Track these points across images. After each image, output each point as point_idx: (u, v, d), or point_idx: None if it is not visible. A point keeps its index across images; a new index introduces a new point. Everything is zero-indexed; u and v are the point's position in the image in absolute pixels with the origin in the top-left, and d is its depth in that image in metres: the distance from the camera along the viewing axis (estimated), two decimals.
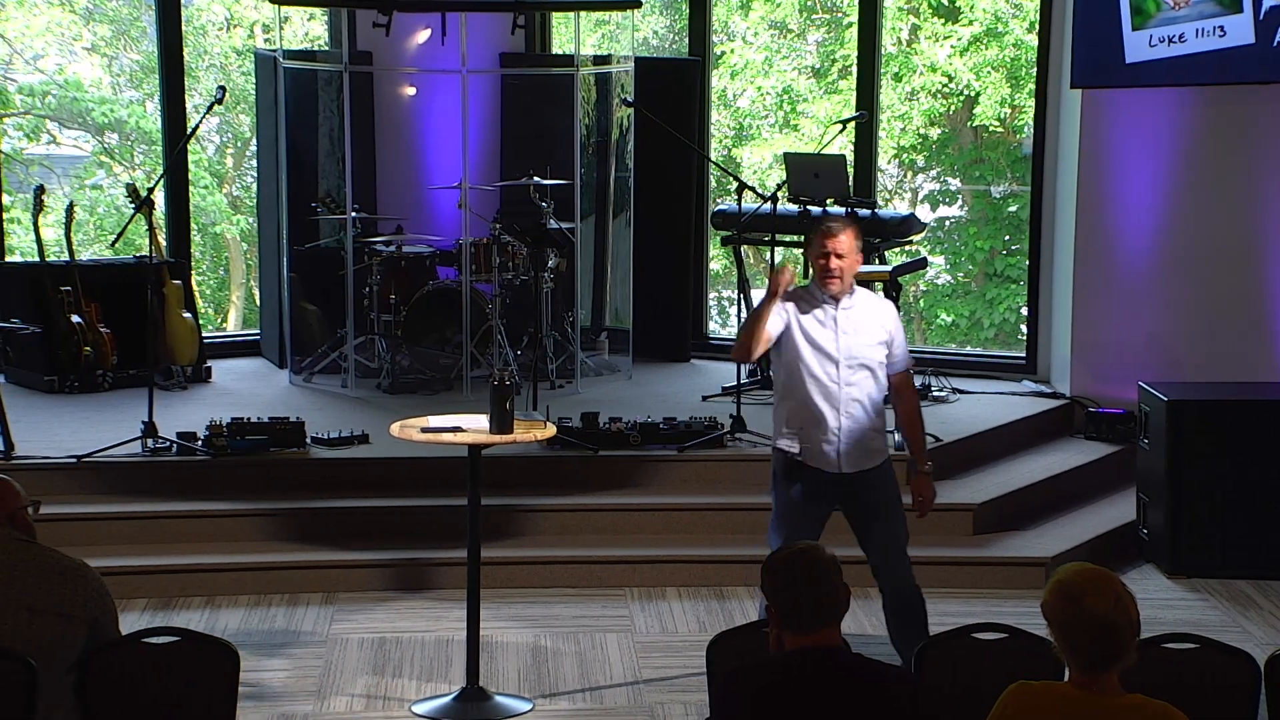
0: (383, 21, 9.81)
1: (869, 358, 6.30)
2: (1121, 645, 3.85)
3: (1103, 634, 3.84)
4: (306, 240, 10.42)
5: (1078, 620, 3.84)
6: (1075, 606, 3.85)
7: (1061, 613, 3.87)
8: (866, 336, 6.30)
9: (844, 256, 6.21)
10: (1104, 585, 3.88)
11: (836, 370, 6.27)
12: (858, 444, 6.31)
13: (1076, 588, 3.87)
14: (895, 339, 6.36)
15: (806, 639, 4.12)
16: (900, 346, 6.39)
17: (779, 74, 16.20)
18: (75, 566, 4.83)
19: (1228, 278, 9.66)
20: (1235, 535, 8.29)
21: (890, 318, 6.39)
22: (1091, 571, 3.92)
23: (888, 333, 6.34)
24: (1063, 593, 3.88)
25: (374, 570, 8.00)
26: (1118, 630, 3.85)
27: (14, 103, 16.59)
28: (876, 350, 6.32)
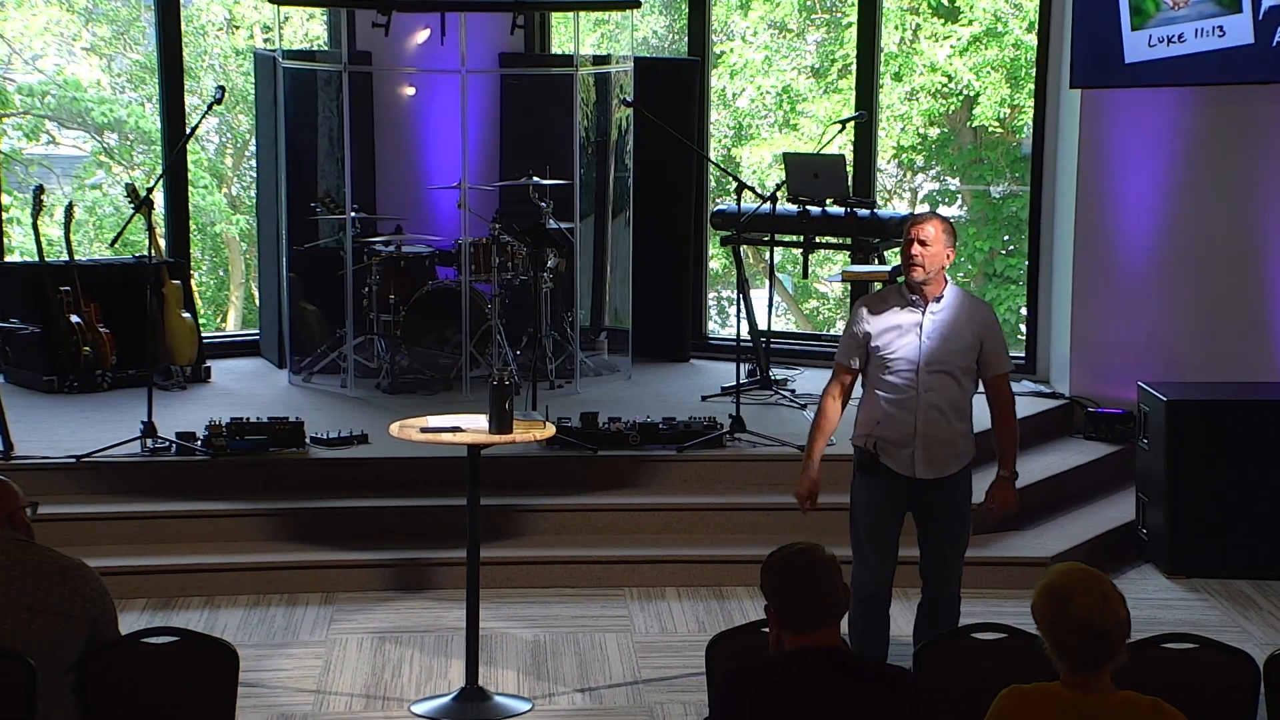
0: (382, 21, 9.81)
1: (953, 364, 6.14)
2: (1111, 646, 3.87)
3: (1091, 635, 3.86)
4: (306, 240, 10.42)
5: (1066, 622, 3.86)
6: (1063, 608, 3.86)
7: (1050, 615, 3.88)
8: (954, 342, 6.14)
9: (927, 244, 6.09)
10: (1092, 586, 3.89)
11: (916, 376, 6.14)
12: (935, 450, 6.18)
13: (1064, 589, 3.88)
14: (988, 343, 6.17)
15: (806, 639, 4.12)
16: (996, 350, 6.20)
17: (778, 73, 16.21)
18: (74, 566, 4.83)
19: (1227, 278, 9.66)
20: (1234, 535, 8.29)
21: (984, 320, 6.21)
22: (1079, 572, 3.93)
23: (978, 337, 6.16)
24: (1051, 595, 3.89)
25: (373, 570, 7.99)
26: (1106, 631, 3.86)
27: (13, 103, 16.59)
28: (964, 355, 6.16)
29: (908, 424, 6.17)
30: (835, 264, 10.76)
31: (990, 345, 6.18)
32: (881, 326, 6.20)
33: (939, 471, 6.20)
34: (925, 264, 6.10)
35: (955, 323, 6.15)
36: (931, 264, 6.11)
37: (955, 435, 6.19)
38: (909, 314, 6.17)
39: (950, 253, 6.17)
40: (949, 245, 6.15)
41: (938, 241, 6.11)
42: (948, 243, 6.14)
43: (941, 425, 6.17)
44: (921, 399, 6.15)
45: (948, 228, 6.17)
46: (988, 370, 6.21)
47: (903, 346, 6.15)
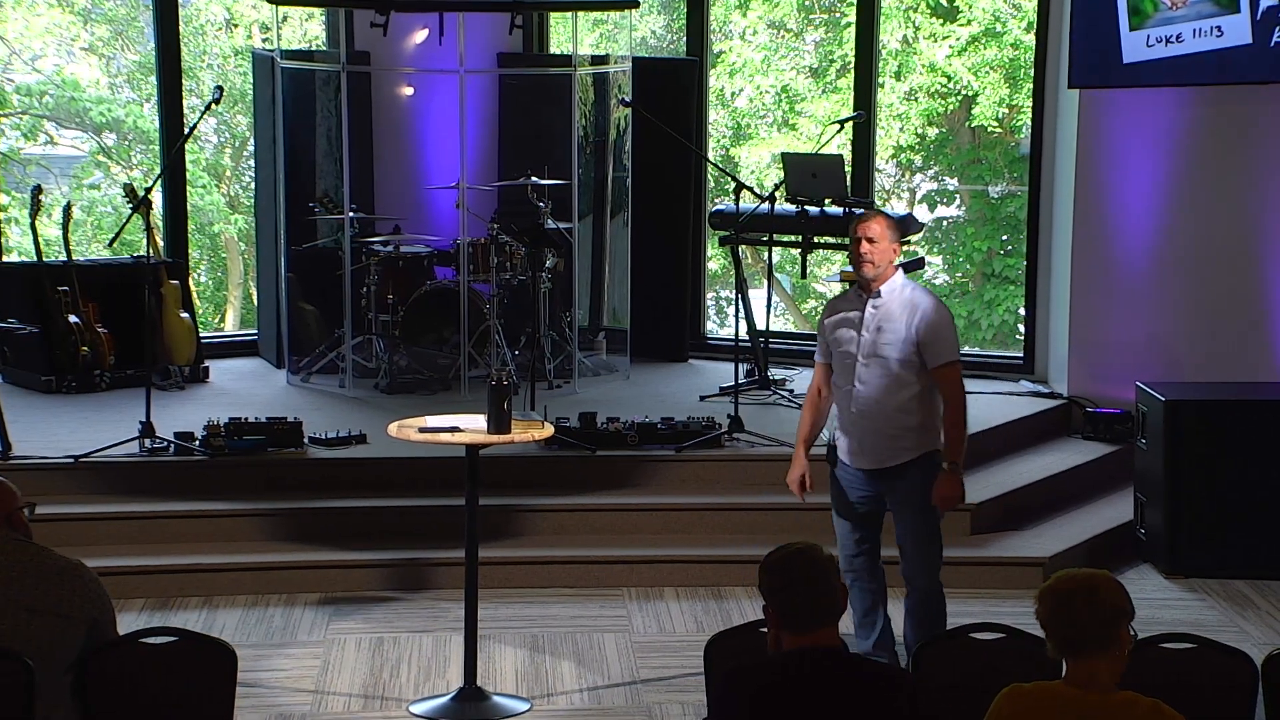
0: (380, 21, 9.81)
1: (890, 355, 6.29)
2: (1109, 631, 3.87)
3: (1093, 622, 3.87)
4: (304, 240, 10.42)
5: (1067, 613, 3.88)
6: (1068, 603, 3.89)
7: (1055, 609, 3.91)
8: (889, 334, 6.29)
9: (875, 241, 6.28)
10: (1097, 583, 3.94)
11: (854, 367, 6.35)
12: (870, 441, 6.35)
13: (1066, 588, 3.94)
14: (924, 335, 6.27)
15: (805, 639, 4.12)
16: (934, 342, 6.29)
17: (777, 73, 16.21)
18: (73, 566, 4.83)
19: (1226, 278, 9.67)
20: (1233, 535, 8.29)
21: (921, 312, 6.30)
22: (1085, 572, 3.97)
23: (914, 329, 6.28)
24: (1055, 595, 3.94)
25: (372, 570, 7.99)
26: (1108, 619, 3.87)
27: (11, 103, 16.59)
28: (899, 347, 6.29)
29: (848, 414, 6.42)
30: (833, 264, 10.75)
31: (927, 337, 6.30)
32: (835, 320, 6.48)
33: (880, 462, 6.38)
34: (875, 260, 6.31)
35: (892, 315, 6.33)
36: (880, 259, 6.32)
37: (894, 427, 6.33)
38: (855, 308, 6.41)
39: (896, 248, 6.39)
40: (894, 241, 6.36)
41: (884, 238, 6.31)
42: (893, 239, 6.35)
43: (878, 417, 6.34)
44: (858, 390, 6.36)
45: (892, 224, 6.38)
46: (928, 362, 6.34)
47: (848, 340, 6.40)
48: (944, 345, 6.32)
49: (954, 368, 6.35)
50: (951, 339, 6.37)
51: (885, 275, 6.35)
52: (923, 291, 6.47)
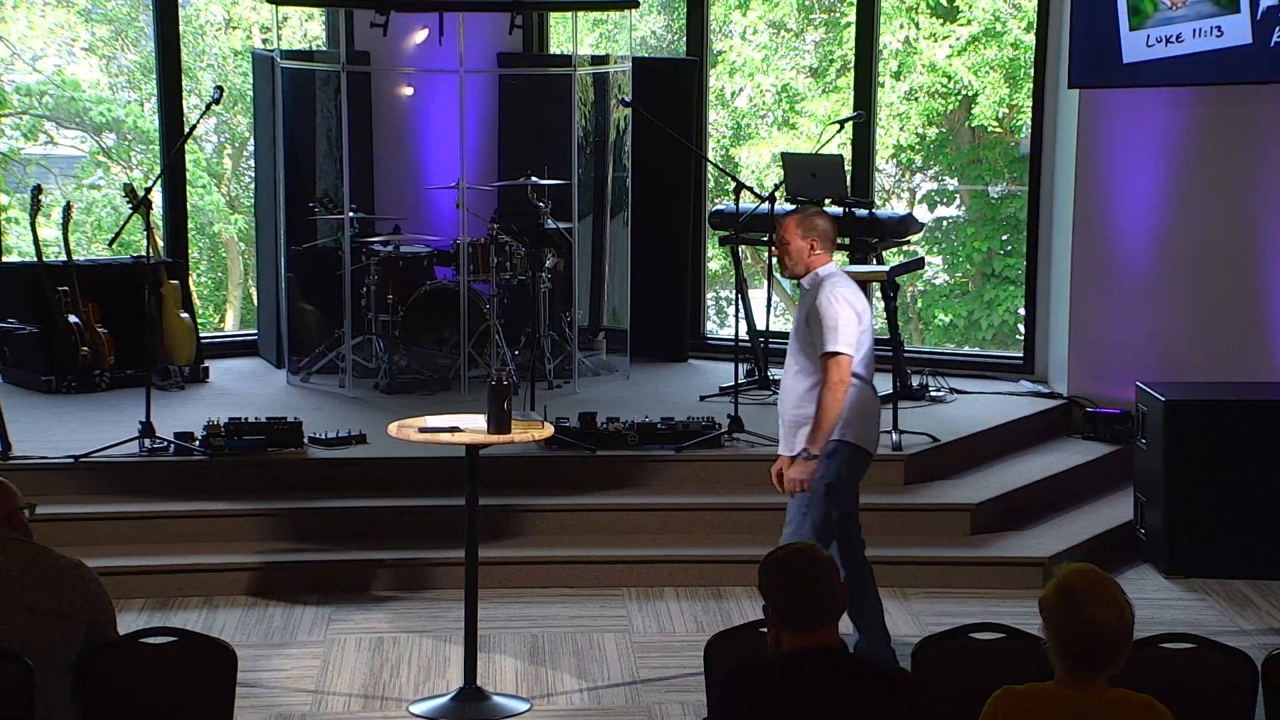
0: (380, 21, 9.81)
1: (796, 344, 6.53)
2: (1116, 655, 3.89)
3: (1101, 642, 3.87)
4: (304, 240, 10.42)
5: (1079, 625, 3.86)
6: (1077, 613, 3.86)
7: (1062, 615, 3.88)
8: (797, 324, 6.56)
9: (788, 243, 6.51)
10: (1108, 594, 3.90)
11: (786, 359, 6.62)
12: (785, 429, 6.58)
13: (1081, 594, 3.88)
14: (812, 324, 6.43)
15: (804, 639, 4.12)
16: (823, 331, 6.40)
17: (777, 72, 16.21)
18: (73, 566, 4.83)
19: (1226, 278, 9.67)
20: (1233, 535, 8.29)
21: (813, 301, 6.45)
22: (1097, 579, 3.93)
23: (807, 319, 6.47)
24: (1066, 596, 3.89)
25: (372, 570, 7.99)
26: (1115, 639, 3.88)
27: (11, 103, 16.59)
28: (801, 336, 6.51)
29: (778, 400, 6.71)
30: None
31: (813, 326, 6.43)
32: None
33: (789, 449, 6.53)
34: (787, 262, 6.53)
35: (800, 306, 6.56)
36: (794, 259, 6.51)
37: (798, 416, 6.49)
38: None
39: (813, 241, 6.50)
40: (805, 236, 6.50)
41: (794, 238, 6.50)
42: (803, 235, 6.50)
43: (785, 404, 6.57)
44: (783, 378, 6.62)
45: (801, 220, 6.53)
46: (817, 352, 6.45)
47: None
48: (827, 335, 6.39)
49: (833, 359, 6.38)
50: (834, 330, 6.38)
51: (808, 268, 6.50)
52: (834, 282, 6.50)
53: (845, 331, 6.37)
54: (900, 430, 8.73)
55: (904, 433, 8.75)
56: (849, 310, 6.40)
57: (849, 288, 6.50)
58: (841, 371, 6.36)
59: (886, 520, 8.32)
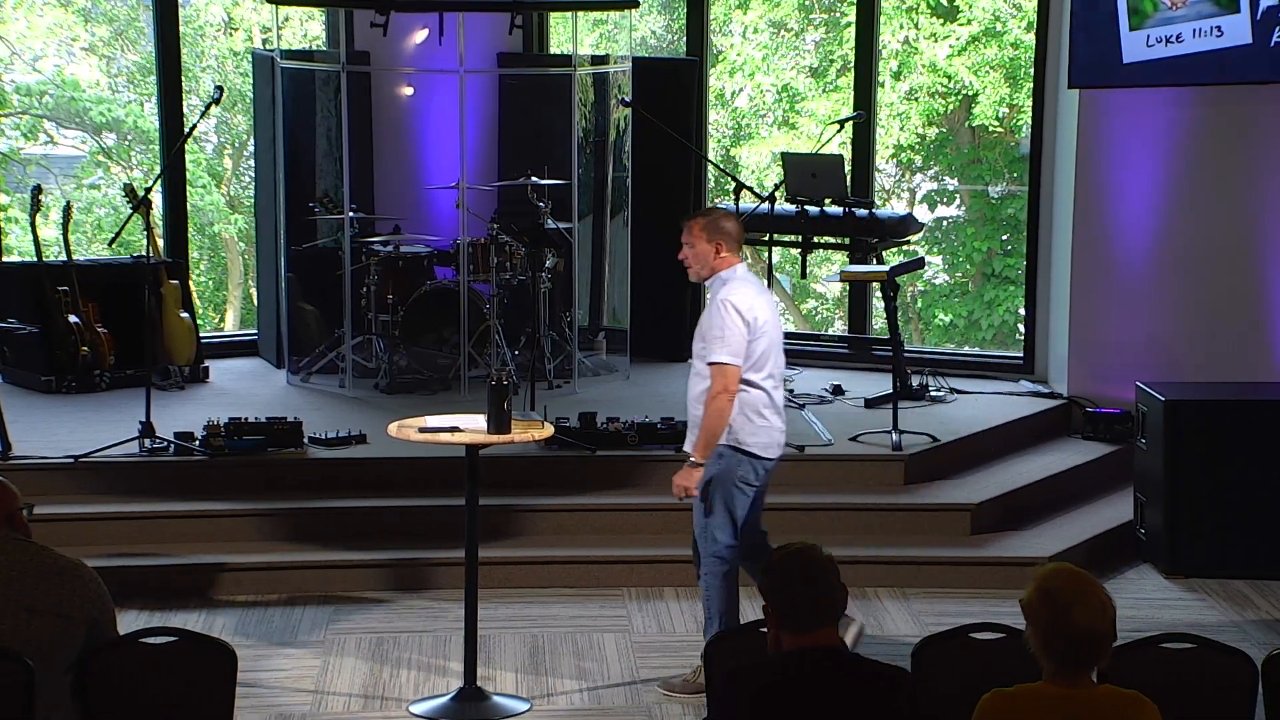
0: (380, 21, 9.81)
1: (694, 349, 6.58)
2: (1101, 652, 3.92)
3: (1087, 642, 3.89)
4: (304, 240, 10.41)
5: (1061, 627, 3.88)
6: (1062, 613, 3.88)
7: (1046, 617, 3.90)
8: (697, 330, 6.58)
9: (692, 246, 6.52)
10: (1089, 593, 3.92)
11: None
12: (689, 430, 6.62)
13: (1063, 595, 3.90)
14: (701, 330, 6.50)
15: (805, 639, 4.12)
16: (705, 338, 6.46)
17: (778, 72, 16.21)
18: (73, 566, 4.83)
19: (1226, 278, 9.67)
20: (1233, 535, 8.29)
21: (710, 313, 6.49)
22: (1077, 578, 3.95)
23: (703, 325, 6.51)
24: (1049, 598, 3.91)
25: (372, 570, 7.99)
26: (1099, 639, 3.90)
27: (11, 103, 16.59)
28: (699, 343, 6.55)
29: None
30: (833, 264, 10.77)
31: (706, 336, 6.48)
32: None
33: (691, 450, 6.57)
34: (691, 264, 6.54)
35: (702, 313, 6.59)
36: (698, 262, 6.52)
37: (696, 415, 6.54)
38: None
39: (719, 244, 6.49)
40: (710, 239, 6.49)
41: (699, 240, 6.50)
42: (708, 237, 6.49)
43: (689, 399, 6.60)
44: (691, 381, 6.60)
45: (708, 222, 6.52)
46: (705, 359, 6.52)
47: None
48: (712, 343, 6.43)
49: (718, 369, 6.40)
50: (720, 339, 6.40)
51: (713, 270, 6.51)
52: (728, 290, 6.49)
53: (732, 341, 6.38)
54: (900, 430, 8.73)
55: (904, 433, 8.75)
56: (737, 319, 6.39)
57: (750, 291, 6.49)
58: (726, 380, 6.39)
59: (886, 520, 8.32)
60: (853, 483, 8.56)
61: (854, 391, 9.95)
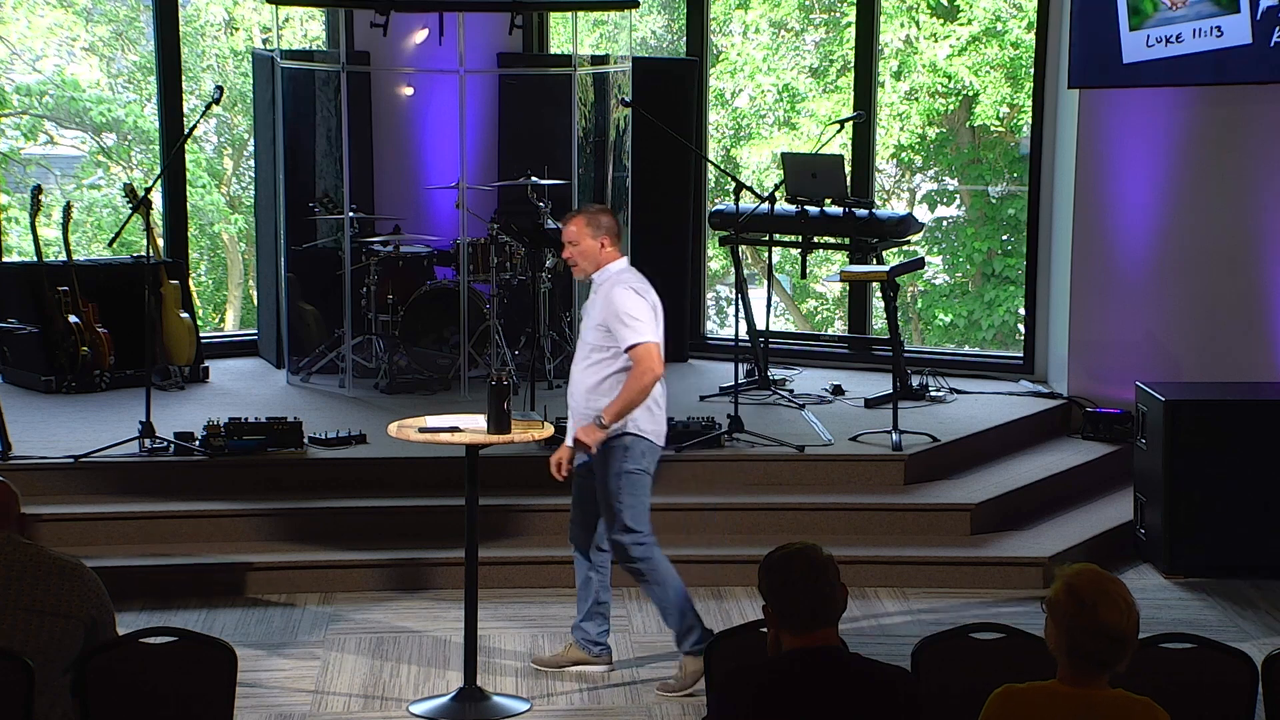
0: (380, 21, 9.81)
1: (586, 340, 6.64)
2: (1122, 655, 3.90)
3: (1109, 643, 3.87)
4: (304, 240, 10.42)
5: (1088, 627, 3.86)
6: (1087, 613, 3.86)
7: (1072, 616, 3.88)
8: (589, 320, 6.66)
9: (575, 244, 6.63)
10: (1116, 594, 3.91)
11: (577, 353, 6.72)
12: (576, 421, 6.65)
13: (1089, 594, 3.89)
14: (610, 322, 6.55)
15: (805, 639, 4.11)
16: (616, 328, 6.54)
17: (778, 72, 16.21)
18: (72, 566, 4.83)
19: (1225, 278, 9.67)
20: (1232, 535, 8.29)
21: (606, 300, 6.58)
22: (1104, 579, 3.94)
23: (603, 316, 6.58)
24: (1076, 597, 3.89)
25: (371, 570, 7.99)
26: (1123, 641, 3.88)
27: (11, 103, 16.59)
28: (596, 333, 6.61)
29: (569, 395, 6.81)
30: (833, 264, 10.75)
31: (611, 325, 6.57)
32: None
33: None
34: (578, 261, 6.66)
35: (593, 303, 6.68)
36: (584, 258, 6.64)
37: (589, 409, 6.60)
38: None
39: (603, 239, 6.65)
40: (594, 235, 6.63)
41: (583, 237, 6.64)
42: (592, 234, 6.63)
43: (577, 397, 6.69)
44: (573, 372, 6.74)
45: (589, 219, 6.66)
46: (620, 345, 6.58)
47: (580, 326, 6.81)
48: (626, 330, 6.55)
49: (643, 348, 6.54)
50: (638, 320, 6.54)
51: (600, 265, 6.64)
52: (624, 277, 6.67)
53: (647, 320, 6.56)
54: (900, 430, 8.73)
55: (904, 433, 8.75)
56: (644, 301, 6.60)
57: (641, 282, 6.69)
58: (653, 360, 6.54)
59: (886, 520, 8.32)
60: (853, 483, 8.56)
61: (854, 391, 9.95)
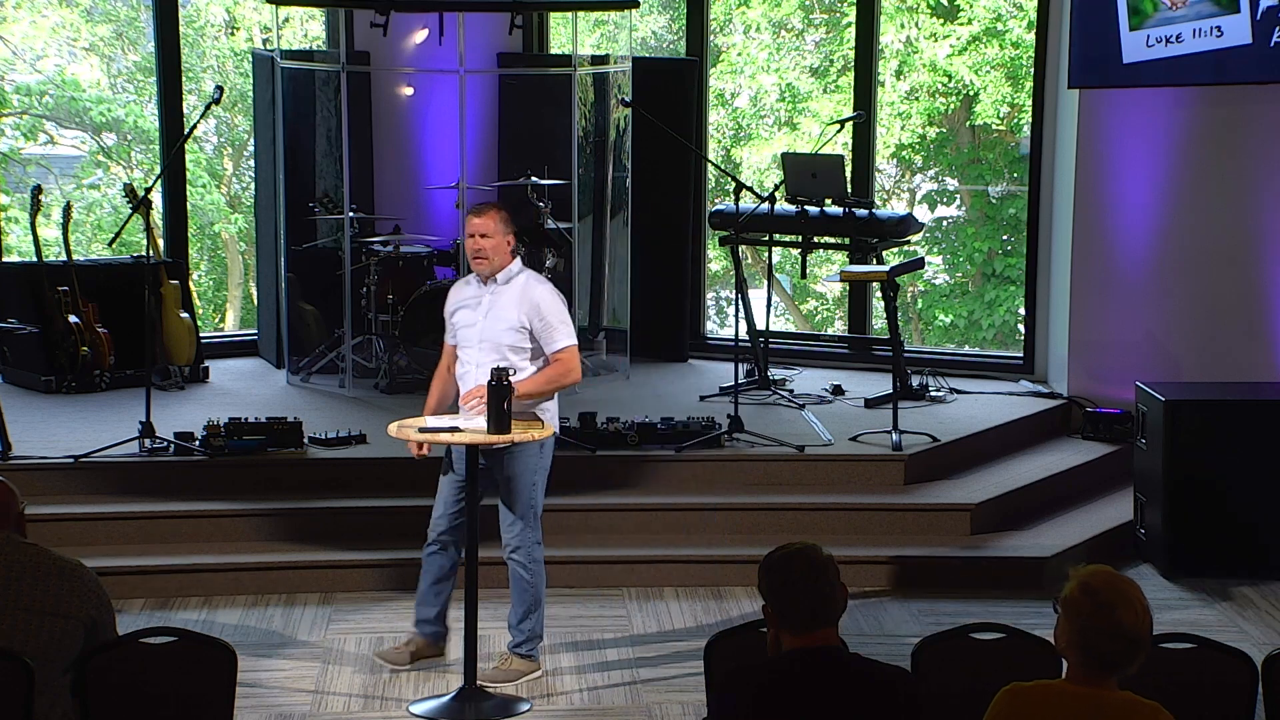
0: (380, 21, 9.81)
1: (502, 341, 6.63)
2: (1135, 657, 3.89)
3: (1123, 644, 3.86)
4: (304, 240, 10.42)
5: (1104, 628, 3.85)
6: (1105, 614, 3.85)
7: (1089, 616, 3.87)
8: (502, 321, 6.64)
9: (489, 236, 6.63)
10: (1134, 598, 3.91)
11: (475, 353, 6.67)
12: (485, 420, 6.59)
13: (1107, 595, 3.88)
14: (535, 324, 6.61)
15: (805, 639, 4.11)
16: (544, 330, 6.61)
17: (780, 72, 16.21)
18: (72, 567, 4.83)
19: (1225, 278, 9.67)
20: (1232, 535, 8.29)
21: (531, 302, 6.63)
22: (1120, 580, 3.94)
23: (526, 317, 6.61)
24: (1093, 596, 3.88)
25: (371, 570, 7.99)
26: (1137, 643, 3.88)
27: (11, 103, 16.59)
28: (513, 334, 6.62)
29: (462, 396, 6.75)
30: (833, 264, 10.76)
31: (538, 326, 6.63)
32: (457, 305, 6.78)
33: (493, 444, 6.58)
34: (489, 254, 6.68)
35: (506, 304, 6.66)
36: (494, 254, 6.68)
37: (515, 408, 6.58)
38: (477, 294, 6.74)
39: (510, 238, 6.73)
40: (505, 233, 6.71)
41: (497, 233, 6.68)
42: (505, 230, 6.71)
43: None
44: (474, 375, 6.67)
45: (502, 216, 6.73)
46: (545, 348, 6.66)
47: (469, 324, 6.72)
48: (555, 333, 6.66)
49: (570, 351, 6.69)
50: (565, 324, 6.68)
51: (502, 265, 6.68)
52: (537, 280, 6.78)
53: (569, 323, 6.71)
54: (900, 430, 8.73)
55: (904, 433, 8.75)
56: (563, 303, 6.72)
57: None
58: (576, 363, 6.69)
59: (886, 520, 8.32)
60: (853, 483, 8.56)
61: (854, 391, 9.95)
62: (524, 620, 6.84)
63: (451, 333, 6.87)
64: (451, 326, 6.86)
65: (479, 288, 6.77)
